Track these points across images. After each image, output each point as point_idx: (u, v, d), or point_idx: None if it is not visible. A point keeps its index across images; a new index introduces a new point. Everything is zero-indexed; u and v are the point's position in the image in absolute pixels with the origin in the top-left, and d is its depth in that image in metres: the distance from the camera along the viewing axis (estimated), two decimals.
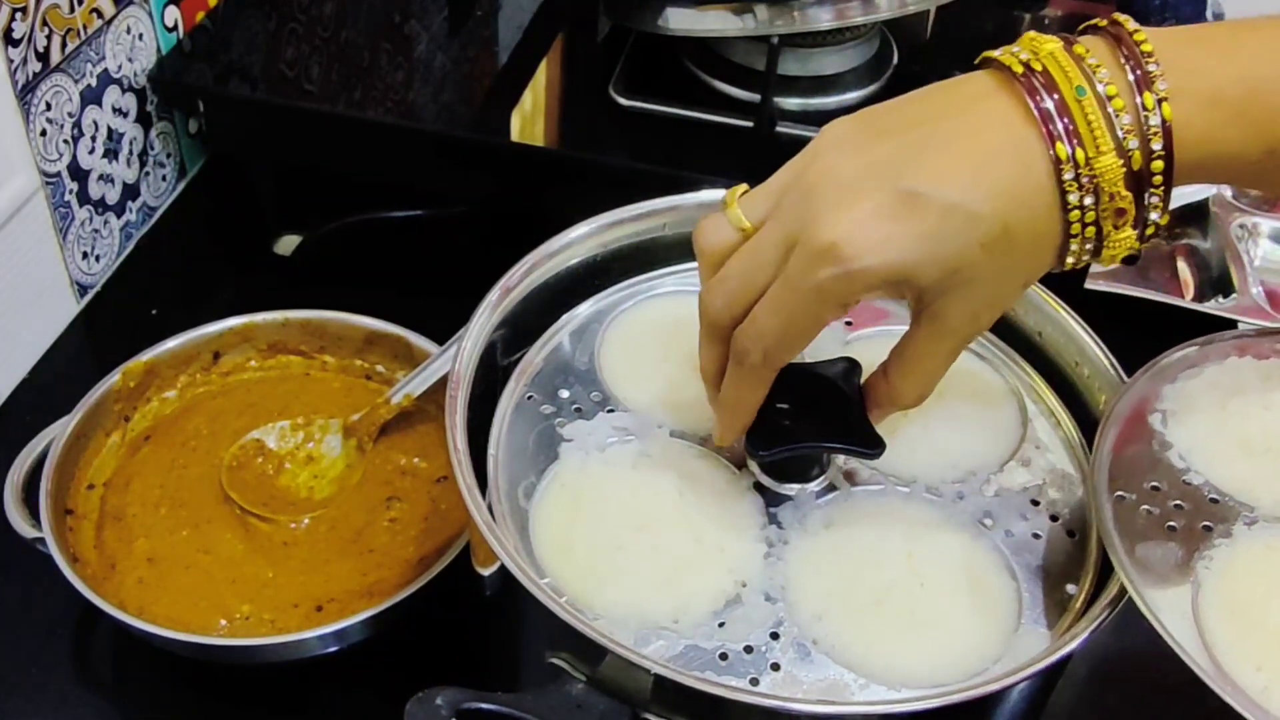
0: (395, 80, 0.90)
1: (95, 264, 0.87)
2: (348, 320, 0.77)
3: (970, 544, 0.55)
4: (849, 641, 0.51)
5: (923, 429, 0.59)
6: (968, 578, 0.54)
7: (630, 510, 0.55)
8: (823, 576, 0.53)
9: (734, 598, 0.53)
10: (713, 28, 0.88)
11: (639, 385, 0.61)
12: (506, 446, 0.58)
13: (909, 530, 0.55)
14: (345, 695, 0.66)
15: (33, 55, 0.76)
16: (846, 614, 0.52)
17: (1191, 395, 0.56)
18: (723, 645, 0.51)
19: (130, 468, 0.72)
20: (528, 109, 0.92)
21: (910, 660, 0.51)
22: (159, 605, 0.65)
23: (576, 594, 0.52)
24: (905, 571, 0.54)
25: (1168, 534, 0.50)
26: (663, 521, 0.55)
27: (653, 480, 0.57)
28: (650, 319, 0.65)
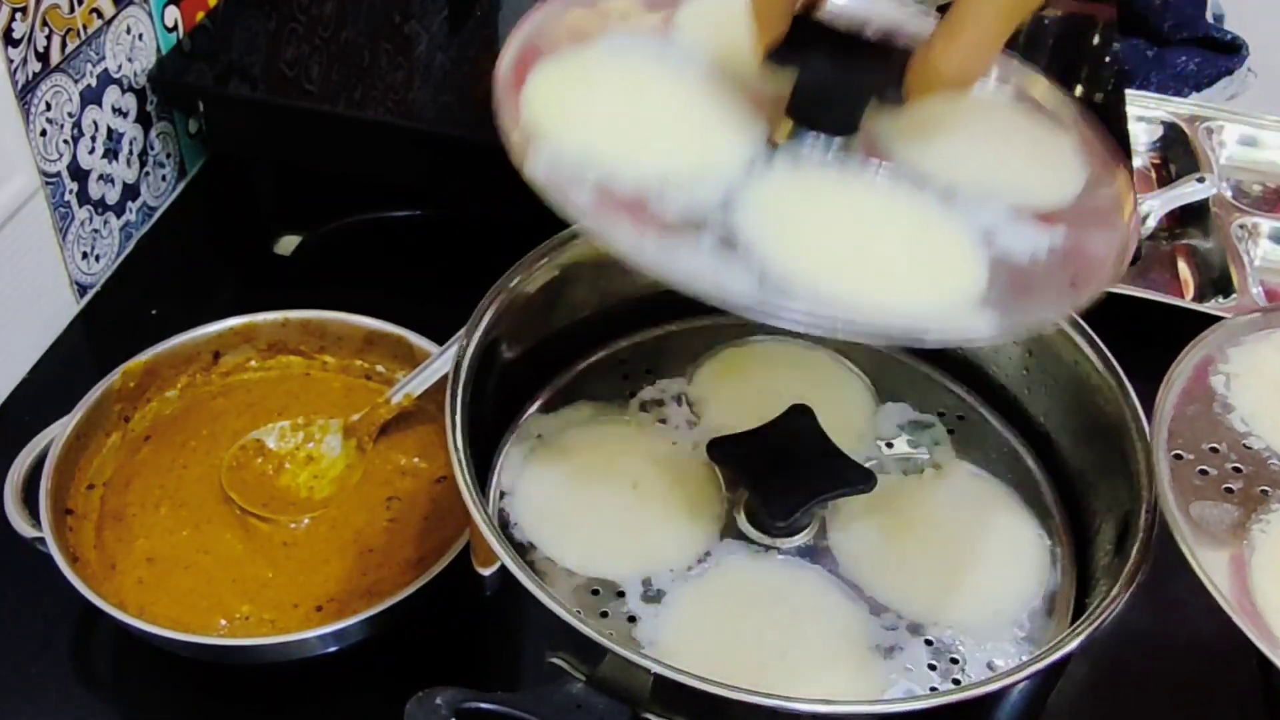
0: (395, 80, 0.90)
1: (95, 264, 0.87)
2: (348, 320, 0.77)
3: (956, 234, 0.52)
4: (780, 247, 0.50)
5: (970, 141, 0.57)
6: (937, 251, 0.52)
7: (632, 83, 0.56)
8: (787, 196, 0.52)
9: (690, 176, 0.51)
10: None
11: (705, 26, 0.59)
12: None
13: (897, 202, 0.53)
14: (345, 695, 0.66)
15: (33, 55, 0.76)
16: (792, 227, 0.51)
17: (1257, 359, 0.56)
18: (657, 206, 0.50)
19: (130, 468, 0.72)
20: None
21: (832, 279, 0.49)
22: (159, 605, 0.65)
23: (540, 122, 0.52)
24: (869, 221, 0.52)
25: (1224, 495, 0.50)
26: (655, 99, 0.55)
27: (670, 76, 0.56)
28: None
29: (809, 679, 0.54)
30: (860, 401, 0.67)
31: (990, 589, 0.58)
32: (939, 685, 0.54)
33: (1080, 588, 0.59)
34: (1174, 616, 0.72)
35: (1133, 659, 0.70)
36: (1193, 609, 0.73)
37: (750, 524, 0.59)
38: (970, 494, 0.62)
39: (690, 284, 0.46)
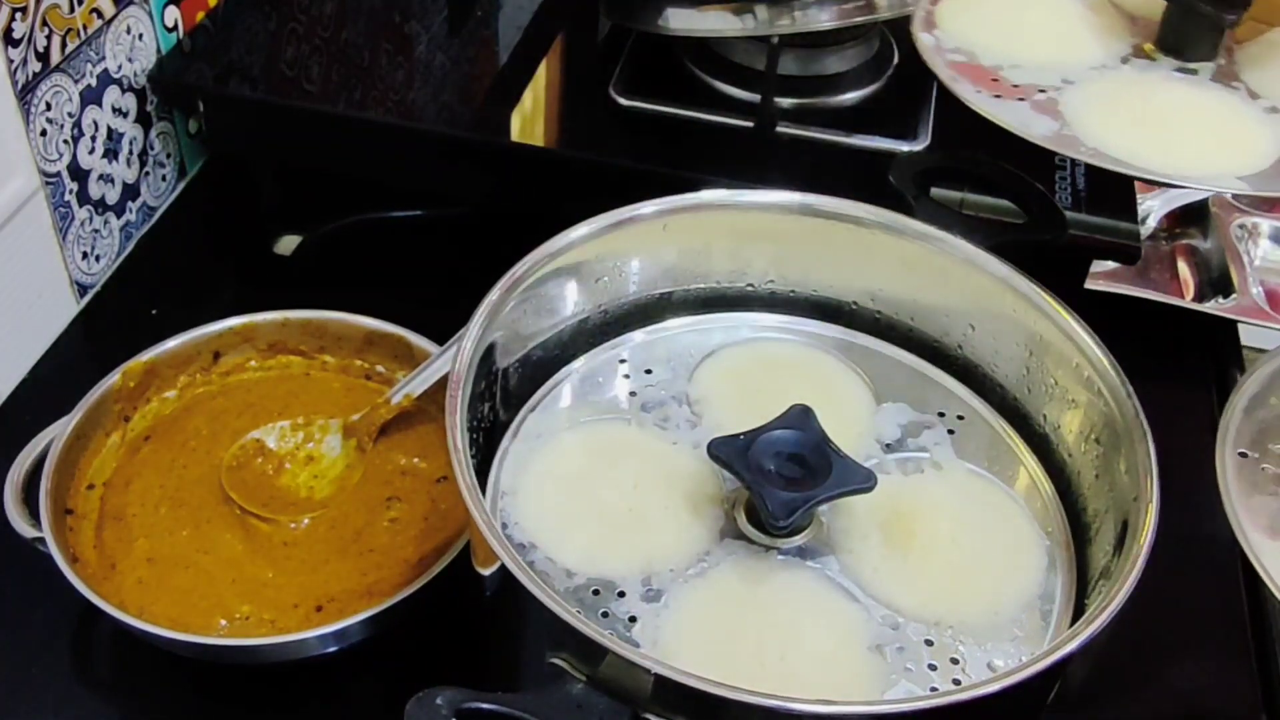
0: (395, 80, 0.90)
1: (95, 264, 0.87)
2: (348, 320, 0.77)
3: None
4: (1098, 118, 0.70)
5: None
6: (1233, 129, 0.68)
7: None
8: None
9: None
10: (713, 28, 0.88)
11: None
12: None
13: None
14: (345, 695, 0.66)
15: (33, 55, 0.76)
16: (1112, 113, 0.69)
17: None
18: None
19: (130, 468, 0.72)
20: (528, 109, 0.92)
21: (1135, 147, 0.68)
22: (159, 605, 0.65)
23: None
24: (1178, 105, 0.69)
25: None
26: None
27: None
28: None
29: (809, 679, 0.54)
30: (860, 401, 0.67)
31: (990, 589, 0.58)
32: (939, 685, 0.54)
33: (1080, 588, 0.59)
34: (1173, 618, 0.72)
35: (1132, 660, 0.70)
36: (1192, 611, 0.73)
37: (750, 524, 0.58)
38: (970, 494, 0.62)
39: (999, 120, 0.66)
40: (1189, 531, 0.70)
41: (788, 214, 0.68)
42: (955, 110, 0.76)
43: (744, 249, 0.68)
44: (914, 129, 0.88)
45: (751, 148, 0.87)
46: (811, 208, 0.67)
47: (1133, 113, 0.69)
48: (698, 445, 0.62)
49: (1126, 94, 0.69)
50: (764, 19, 0.85)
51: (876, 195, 0.67)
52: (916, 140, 0.87)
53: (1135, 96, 0.69)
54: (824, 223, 0.67)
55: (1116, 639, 0.70)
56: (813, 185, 0.68)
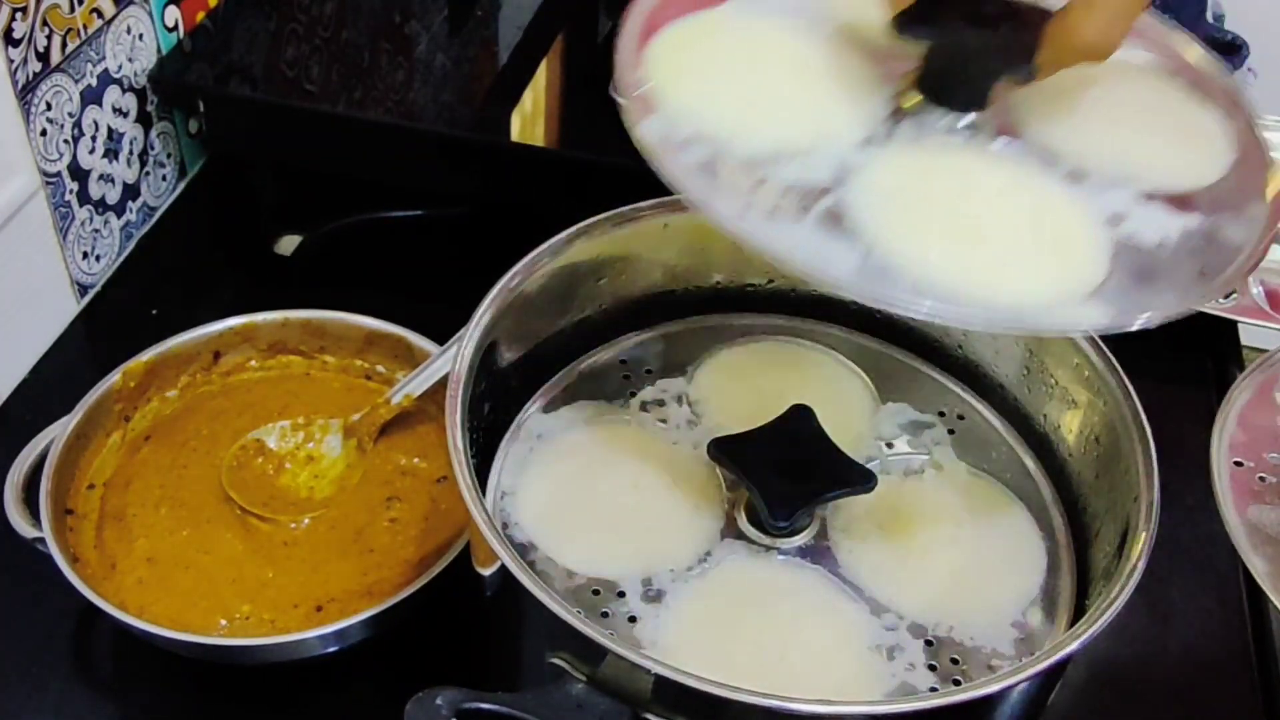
0: (395, 80, 0.90)
1: (95, 264, 0.87)
2: (348, 320, 0.77)
3: (1080, 216, 0.50)
4: (888, 226, 0.49)
5: (1104, 120, 0.54)
6: (1056, 235, 0.50)
7: (755, 49, 0.55)
8: (903, 173, 0.51)
9: (804, 150, 0.50)
10: None
11: None
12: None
13: (1021, 182, 0.51)
14: (345, 695, 0.66)
15: (33, 55, 0.76)
16: (903, 206, 0.50)
17: None
18: (764, 176, 0.49)
19: (130, 468, 0.72)
20: (528, 109, 0.92)
21: (939, 263, 0.48)
22: (159, 605, 0.65)
23: (657, 85, 0.51)
24: (988, 202, 0.51)
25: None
26: (779, 68, 0.54)
27: (796, 42, 0.55)
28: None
29: (809, 679, 0.54)
30: (860, 401, 0.67)
31: (990, 589, 0.58)
32: (939, 685, 0.54)
33: (1080, 588, 0.59)
34: (1173, 619, 0.72)
35: (1131, 661, 0.70)
36: (1192, 612, 0.73)
37: (751, 524, 0.59)
38: (970, 494, 0.62)
39: (788, 260, 0.45)
40: (1189, 532, 0.71)
41: None
42: None
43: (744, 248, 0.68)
44: None
45: None
46: None
47: (938, 216, 0.50)
48: (698, 445, 0.62)
49: (919, 185, 0.51)
50: None
51: None
52: None
53: (931, 188, 0.51)
54: None
55: (1116, 639, 0.70)
56: None
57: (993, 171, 0.51)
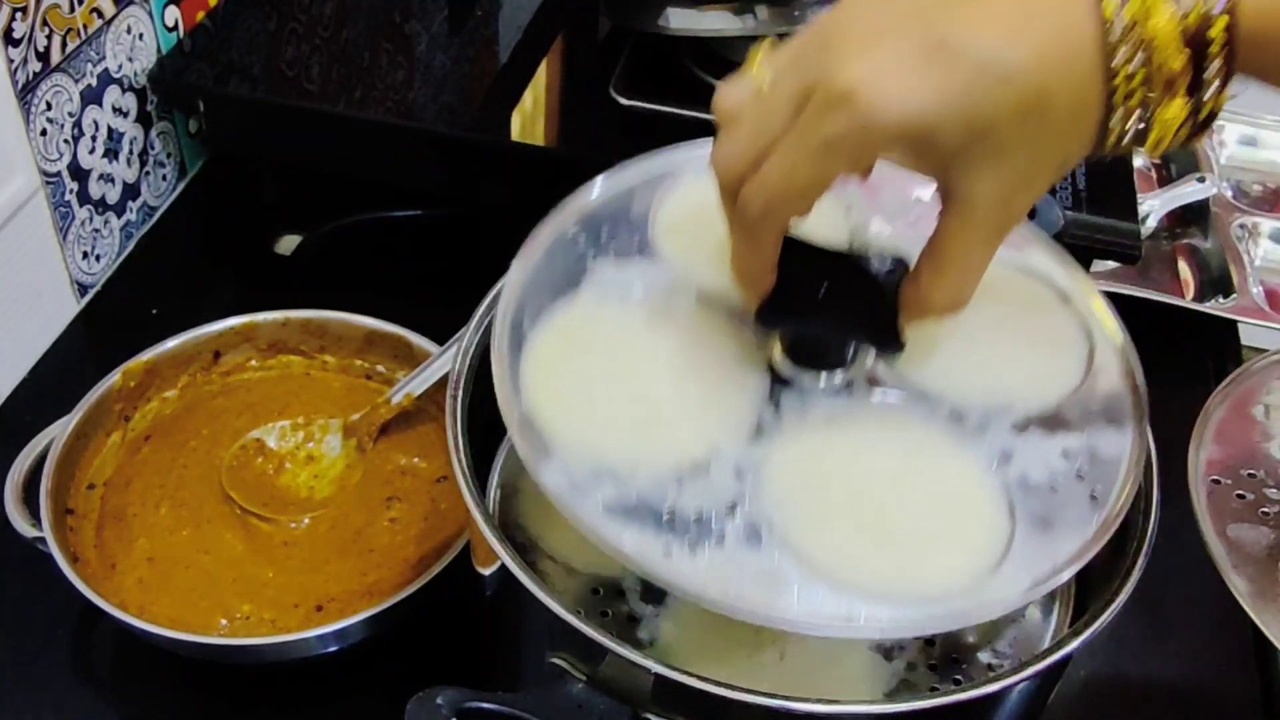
0: (395, 80, 0.90)
1: (95, 264, 0.87)
2: (348, 320, 0.77)
3: (973, 475, 0.51)
4: (806, 535, 0.48)
5: (968, 343, 0.54)
6: (957, 505, 0.50)
7: (626, 354, 0.53)
8: (801, 466, 0.51)
9: (702, 464, 0.50)
10: (713, 28, 0.88)
11: (685, 241, 0.58)
12: (534, 271, 0.56)
13: (911, 446, 0.52)
14: (345, 695, 0.66)
15: (33, 55, 0.76)
16: (812, 507, 0.49)
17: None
18: (673, 507, 0.48)
19: (130, 467, 0.72)
20: (528, 109, 0.92)
21: (863, 567, 0.48)
22: (159, 605, 0.65)
23: (545, 419, 0.50)
24: (888, 483, 0.50)
25: (1261, 518, 0.50)
26: (658, 373, 0.53)
27: (661, 333, 0.54)
28: None
29: (808, 679, 0.54)
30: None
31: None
32: (939, 685, 0.54)
33: (1080, 587, 0.59)
34: (1173, 618, 0.72)
35: (1131, 661, 0.70)
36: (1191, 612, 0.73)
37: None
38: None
39: (727, 605, 0.46)
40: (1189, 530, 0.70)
41: None
42: None
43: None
44: None
45: None
46: None
47: (848, 514, 0.49)
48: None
49: (819, 480, 0.50)
50: (764, 19, 0.85)
51: None
52: None
53: (830, 482, 0.50)
54: None
55: (1116, 639, 0.70)
56: None
57: (882, 441, 0.52)
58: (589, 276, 0.56)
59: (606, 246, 0.58)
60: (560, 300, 0.55)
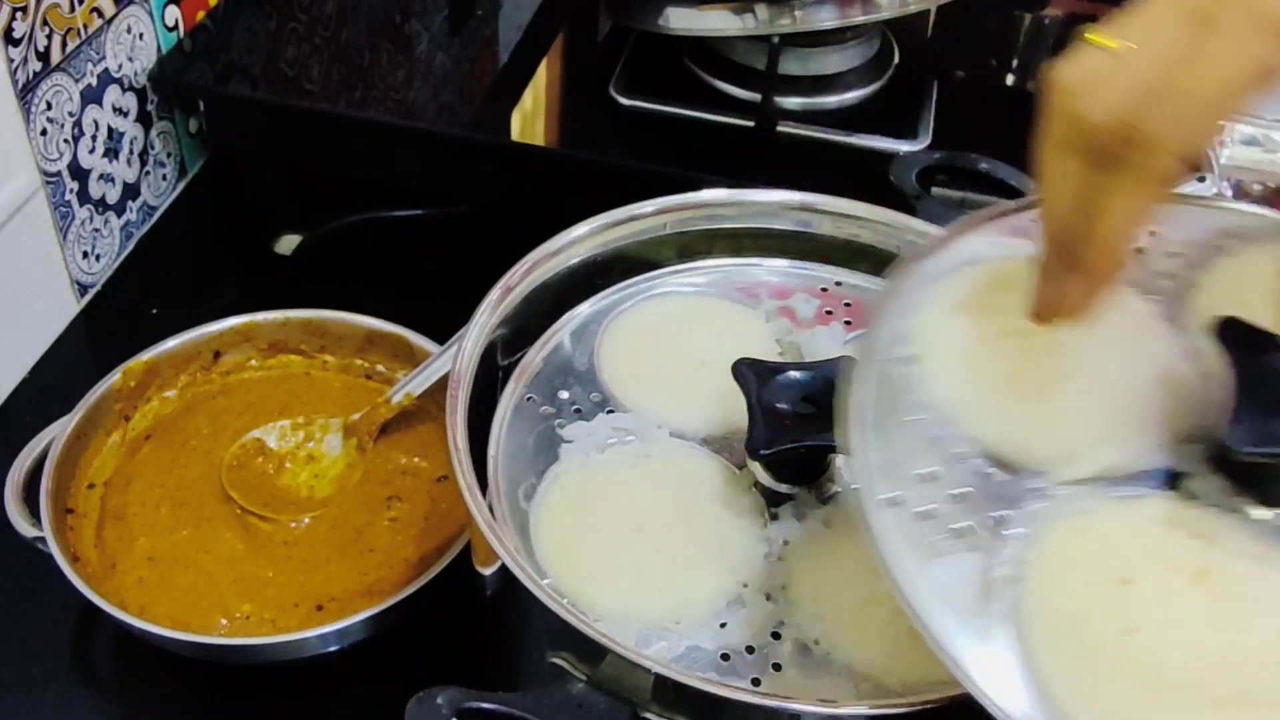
0: (396, 80, 0.90)
1: (96, 263, 0.87)
2: (348, 320, 0.77)
3: None
4: (847, 641, 0.51)
5: None
6: None
7: (630, 510, 0.55)
8: (821, 575, 0.53)
9: (735, 598, 0.52)
10: (713, 27, 0.88)
11: (639, 385, 0.61)
12: (506, 447, 0.58)
13: None
14: (345, 695, 0.66)
15: (33, 55, 0.76)
16: (843, 613, 0.51)
17: (937, 328, 0.46)
18: (724, 645, 0.51)
19: (131, 467, 0.72)
20: (528, 108, 0.92)
21: (905, 660, 0.50)
22: (159, 604, 0.65)
23: (577, 594, 0.52)
24: None
25: (956, 542, 0.39)
26: (662, 521, 0.55)
27: (652, 480, 0.56)
28: (650, 318, 0.65)
29: None
30: None
31: None
32: None
33: None
34: None
35: None
36: None
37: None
38: None
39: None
40: None
41: (787, 212, 0.68)
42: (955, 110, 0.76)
43: None
44: (914, 128, 0.88)
45: (751, 147, 0.87)
46: (812, 206, 0.67)
47: (872, 611, 0.49)
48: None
49: (841, 588, 0.50)
50: (764, 18, 0.85)
51: (876, 195, 0.67)
52: (917, 140, 0.87)
53: (847, 583, 0.50)
54: None
55: None
56: (813, 185, 0.68)
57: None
58: (564, 443, 0.58)
59: (568, 408, 0.60)
60: (548, 471, 0.57)
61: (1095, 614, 0.39)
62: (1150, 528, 0.41)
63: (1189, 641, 0.38)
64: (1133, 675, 0.37)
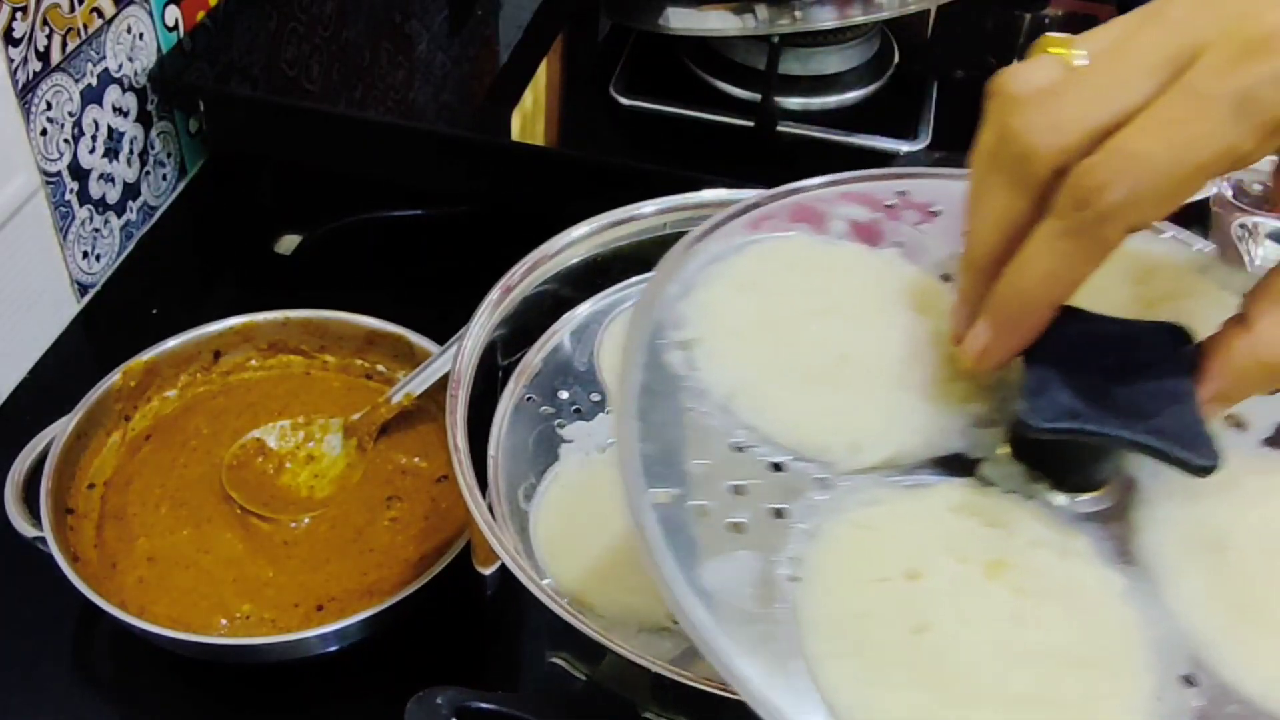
0: (396, 80, 0.90)
1: (96, 263, 0.87)
2: (348, 320, 0.77)
3: None
4: None
5: None
6: None
7: None
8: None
9: None
10: (713, 27, 0.88)
11: None
12: (506, 448, 0.58)
13: None
14: (345, 695, 0.66)
15: (33, 55, 0.76)
16: None
17: (712, 306, 0.42)
18: None
19: (130, 467, 0.72)
20: (528, 108, 0.92)
21: None
22: (159, 604, 0.65)
23: (577, 594, 0.52)
24: None
25: (733, 539, 0.37)
26: None
27: None
28: None
29: None
30: None
31: None
32: None
33: None
34: None
35: None
36: None
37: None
38: None
39: None
40: None
41: None
42: (955, 109, 0.76)
43: None
44: (914, 128, 0.88)
45: (751, 147, 0.87)
46: None
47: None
48: None
49: None
50: (764, 18, 0.85)
51: None
52: (917, 140, 0.87)
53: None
54: None
55: None
56: None
57: None
58: (564, 443, 0.58)
59: (568, 408, 0.59)
60: (548, 471, 0.57)
61: (881, 612, 0.35)
62: (942, 517, 0.38)
63: (985, 640, 0.35)
64: (924, 678, 0.34)
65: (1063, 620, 0.36)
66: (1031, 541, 0.37)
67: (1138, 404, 0.36)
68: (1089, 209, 0.33)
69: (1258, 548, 0.37)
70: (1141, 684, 0.35)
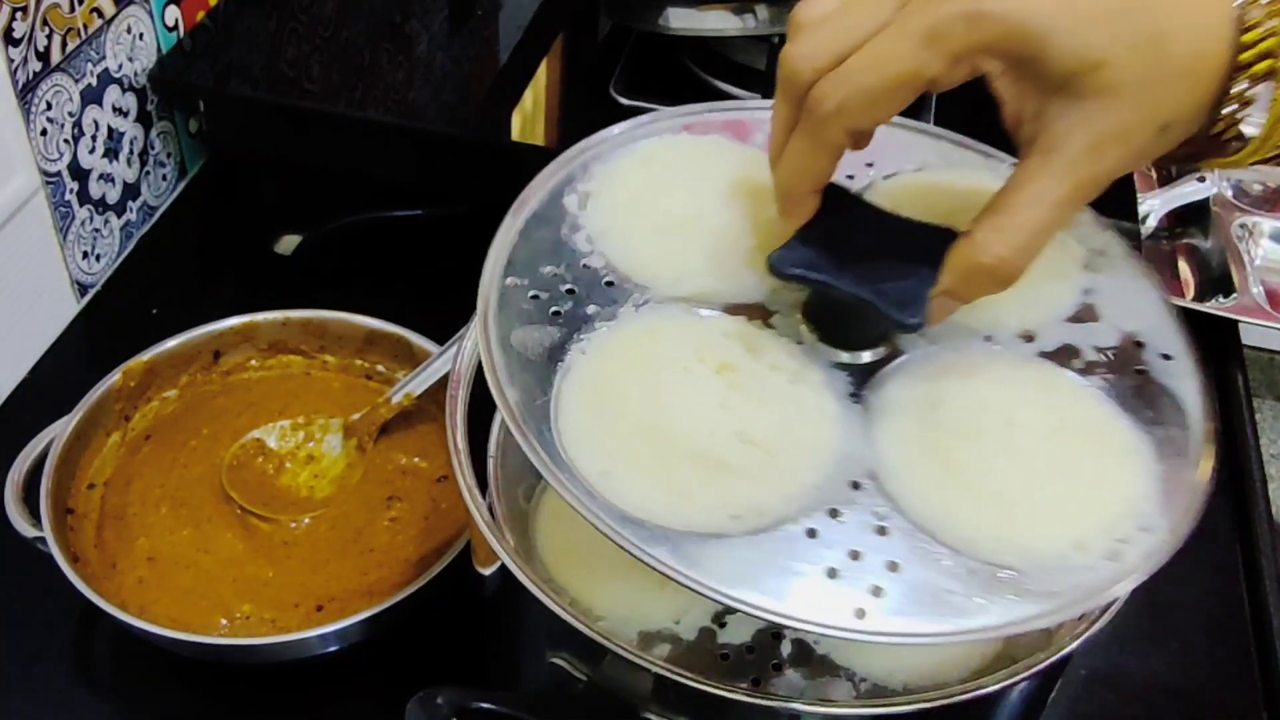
0: (396, 80, 0.90)
1: (96, 263, 0.87)
2: (348, 320, 0.77)
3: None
4: (849, 642, 0.49)
5: None
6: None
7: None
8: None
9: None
10: (713, 27, 0.88)
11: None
12: (506, 447, 0.58)
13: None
14: (345, 695, 0.66)
15: (33, 55, 0.76)
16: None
17: (617, 175, 0.54)
18: (724, 645, 0.51)
19: (131, 467, 0.72)
20: (528, 108, 0.92)
21: (906, 662, 0.50)
22: (159, 605, 0.65)
23: (577, 594, 0.52)
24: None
25: (551, 319, 0.48)
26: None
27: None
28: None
29: None
30: None
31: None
32: None
33: None
34: (1173, 617, 0.72)
35: (1131, 660, 0.70)
36: (1192, 610, 0.73)
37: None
38: None
39: None
40: None
41: None
42: (955, 109, 0.76)
43: None
44: None
45: None
46: None
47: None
48: None
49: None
50: (764, 19, 0.85)
51: None
52: None
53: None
54: None
55: (1117, 638, 0.70)
56: None
57: None
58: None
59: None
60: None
61: (628, 381, 0.46)
62: (712, 336, 0.48)
63: (691, 414, 0.45)
64: (643, 432, 0.45)
65: (761, 417, 0.45)
66: (772, 365, 0.47)
67: (879, 273, 0.44)
68: (813, 115, 0.42)
69: (966, 408, 0.46)
70: (805, 476, 0.44)
